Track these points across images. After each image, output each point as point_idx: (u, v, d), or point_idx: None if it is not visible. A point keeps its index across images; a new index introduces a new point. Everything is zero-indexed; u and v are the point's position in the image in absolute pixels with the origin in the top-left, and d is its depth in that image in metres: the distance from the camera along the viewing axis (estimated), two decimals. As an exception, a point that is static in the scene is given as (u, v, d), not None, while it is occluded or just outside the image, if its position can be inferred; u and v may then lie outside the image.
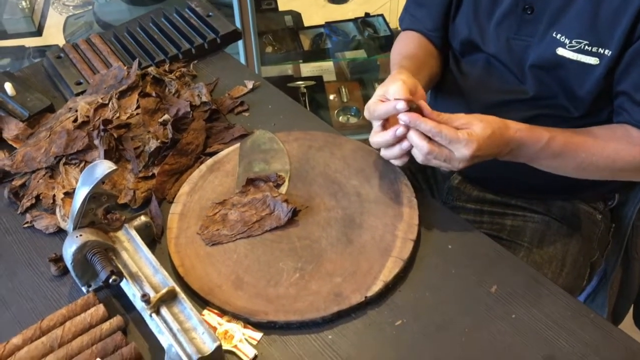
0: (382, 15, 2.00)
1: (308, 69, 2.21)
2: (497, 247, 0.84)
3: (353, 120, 2.03)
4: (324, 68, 2.22)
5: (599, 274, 1.27)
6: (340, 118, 2.07)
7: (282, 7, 2.15)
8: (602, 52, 0.87)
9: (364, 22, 1.98)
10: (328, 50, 1.96)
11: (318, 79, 2.14)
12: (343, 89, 2.13)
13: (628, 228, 1.12)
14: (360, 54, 1.95)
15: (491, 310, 0.76)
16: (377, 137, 0.84)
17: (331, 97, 2.12)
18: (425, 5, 1.06)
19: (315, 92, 2.10)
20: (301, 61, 1.97)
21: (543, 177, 0.95)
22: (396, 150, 0.83)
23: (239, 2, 1.64)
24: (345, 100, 2.10)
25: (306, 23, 2.09)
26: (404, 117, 0.79)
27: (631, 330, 1.50)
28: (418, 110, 0.80)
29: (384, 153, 0.86)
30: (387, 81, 0.86)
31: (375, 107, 0.83)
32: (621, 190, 1.11)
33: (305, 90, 2.09)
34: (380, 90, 0.85)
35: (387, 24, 1.96)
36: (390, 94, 0.82)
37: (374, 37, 1.92)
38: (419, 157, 0.82)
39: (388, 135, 0.82)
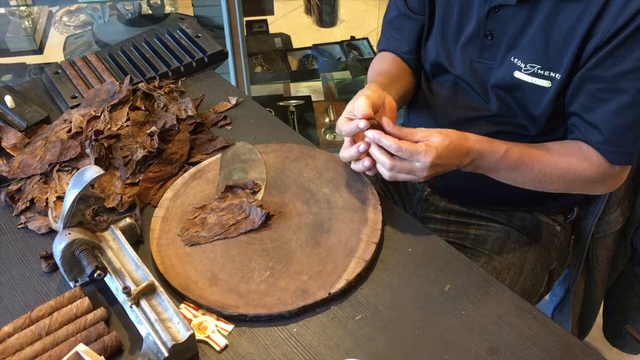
0: (367, 38, 2.09)
1: (298, 88, 2.31)
2: (453, 250, 0.91)
3: (340, 138, 2.11)
4: (314, 88, 2.31)
5: (564, 285, 1.33)
6: (327, 136, 2.15)
7: (273, 30, 2.24)
8: (552, 75, 0.95)
9: (350, 44, 2.08)
10: (316, 71, 2.05)
11: (307, 98, 2.23)
12: (330, 109, 2.22)
13: (587, 240, 1.19)
14: (346, 74, 2.04)
15: (443, 307, 0.83)
16: (344, 152, 0.92)
17: (319, 116, 2.21)
18: (402, 30, 1.14)
19: (304, 111, 2.19)
20: (289, 81, 2.07)
21: (505, 190, 1.02)
22: (360, 165, 0.91)
23: (229, 24, 1.74)
24: (332, 119, 2.19)
25: (295, 45, 2.18)
26: (369, 134, 0.87)
27: (601, 344, 1.57)
28: (379, 126, 0.89)
29: (354, 166, 0.94)
30: (355, 97, 0.94)
31: (341, 126, 0.91)
32: (581, 204, 1.18)
33: (294, 109, 2.18)
34: (349, 107, 0.93)
35: (371, 47, 2.05)
36: (356, 109, 0.90)
37: (359, 59, 2.01)
38: (385, 173, 0.89)
39: (352, 150, 0.90)
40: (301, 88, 2.32)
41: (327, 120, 2.20)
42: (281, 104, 2.20)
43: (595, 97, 0.92)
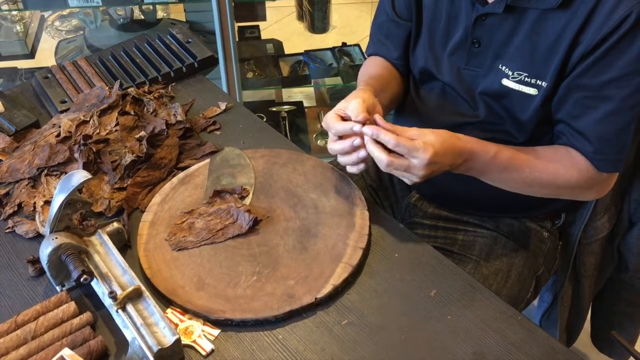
0: (358, 45, 2.10)
1: (290, 94, 2.31)
2: (439, 255, 0.91)
3: (331, 144, 2.11)
4: (306, 93, 2.32)
5: (552, 292, 1.34)
6: (319, 142, 2.16)
7: (265, 35, 2.25)
8: (539, 83, 0.96)
9: (341, 50, 2.09)
10: (308, 77, 2.06)
11: (299, 104, 2.24)
12: (322, 114, 2.22)
13: (575, 246, 1.20)
14: (337, 80, 2.05)
15: (429, 312, 0.84)
16: (335, 145, 0.92)
17: (311, 121, 2.22)
18: (391, 36, 1.15)
19: (296, 117, 2.19)
20: (280, 87, 2.07)
21: (493, 196, 1.03)
22: (353, 157, 0.91)
23: (221, 30, 1.74)
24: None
25: (287, 51, 2.19)
26: (367, 130, 0.87)
27: (590, 350, 1.58)
28: (374, 123, 0.89)
29: (341, 159, 0.93)
30: (349, 97, 0.94)
31: (333, 124, 0.91)
32: (568, 211, 1.19)
33: (286, 115, 2.18)
34: (340, 105, 0.93)
35: (362, 53, 2.06)
36: (350, 110, 0.90)
37: (350, 66, 2.02)
38: (382, 165, 0.88)
39: (345, 144, 0.90)
40: (293, 94, 2.33)
41: (319, 126, 2.20)
42: (273, 109, 2.20)
43: (582, 104, 0.93)
